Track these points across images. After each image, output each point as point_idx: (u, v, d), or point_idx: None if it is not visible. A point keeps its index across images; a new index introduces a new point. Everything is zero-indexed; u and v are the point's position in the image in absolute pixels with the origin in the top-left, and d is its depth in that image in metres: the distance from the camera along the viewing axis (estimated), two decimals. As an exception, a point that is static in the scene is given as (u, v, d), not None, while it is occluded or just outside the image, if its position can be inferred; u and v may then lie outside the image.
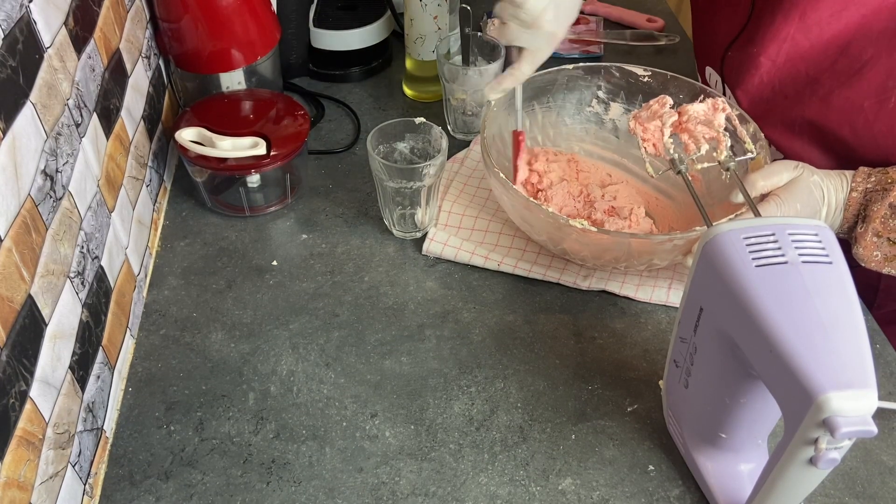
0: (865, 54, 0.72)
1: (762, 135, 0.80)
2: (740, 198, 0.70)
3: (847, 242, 0.73)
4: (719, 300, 0.54)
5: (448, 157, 0.91)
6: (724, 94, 0.88)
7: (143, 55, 0.86)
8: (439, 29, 1.01)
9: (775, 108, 0.81)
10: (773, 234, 0.52)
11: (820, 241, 0.52)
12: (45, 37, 0.60)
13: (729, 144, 0.70)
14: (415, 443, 0.67)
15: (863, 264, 0.72)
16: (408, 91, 1.07)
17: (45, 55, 0.59)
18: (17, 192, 0.52)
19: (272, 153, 0.83)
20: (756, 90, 0.82)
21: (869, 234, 0.70)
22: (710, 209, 0.67)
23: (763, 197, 0.72)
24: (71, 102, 0.64)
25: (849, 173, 0.73)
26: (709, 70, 0.91)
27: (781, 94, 0.80)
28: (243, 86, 0.96)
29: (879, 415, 0.68)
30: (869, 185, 0.71)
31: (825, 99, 0.76)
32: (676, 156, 0.68)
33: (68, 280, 0.60)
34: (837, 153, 0.79)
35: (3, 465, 0.48)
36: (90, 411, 0.63)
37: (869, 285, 0.85)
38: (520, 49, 0.79)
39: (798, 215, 0.69)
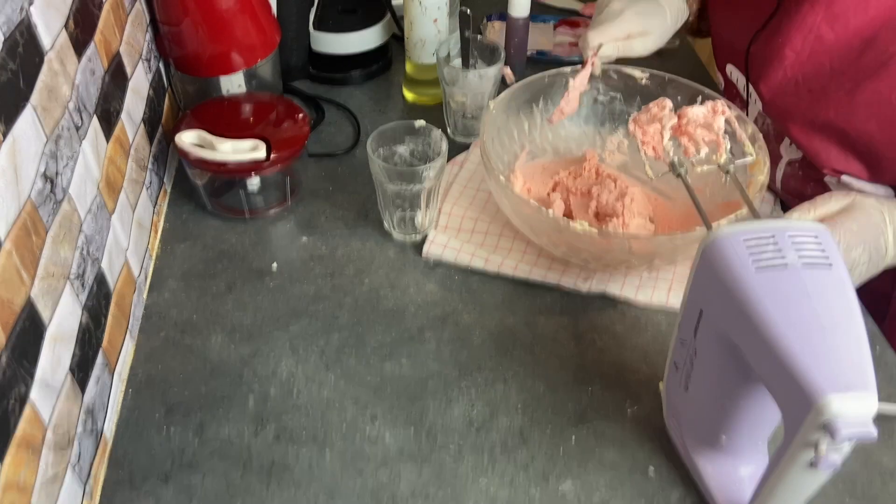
0: (893, 46, 0.71)
1: (761, 136, 0.79)
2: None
3: None
4: (719, 303, 0.54)
5: (448, 160, 0.91)
6: (747, 91, 0.87)
7: (144, 58, 0.86)
8: (439, 32, 1.01)
9: (798, 103, 0.80)
10: (772, 237, 0.52)
11: (820, 244, 0.52)
12: (46, 40, 0.60)
13: (728, 147, 0.70)
14: (415, 445, 0.67)
15: None
16: (408, 94, 1.08)
17: (46, 58, 0.60)
18: (18, 195, 0.52)
19: (272, 156, 0.83)
20: (779, 84, 0.81)
21: None
22: (710, 211, 0.67)
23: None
24: (71, 105, 0.64)
25: None
26: (730, 67, 0.90)
27: (805, 89, 0.79)
28: (243, 89, 0.96)
29: (879, 418, 0.68)
30: None
31: (851, 92, 0.75)
32: (676, 159, 0.68)
33: (68, 282, 0.60)
34: (859, 151, 0.78)
35: (2, 467, 0.48)
36: (90, 414, 0.63)
37: (882, 294, 0.84)
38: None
39: (856, 236, 0.67)
